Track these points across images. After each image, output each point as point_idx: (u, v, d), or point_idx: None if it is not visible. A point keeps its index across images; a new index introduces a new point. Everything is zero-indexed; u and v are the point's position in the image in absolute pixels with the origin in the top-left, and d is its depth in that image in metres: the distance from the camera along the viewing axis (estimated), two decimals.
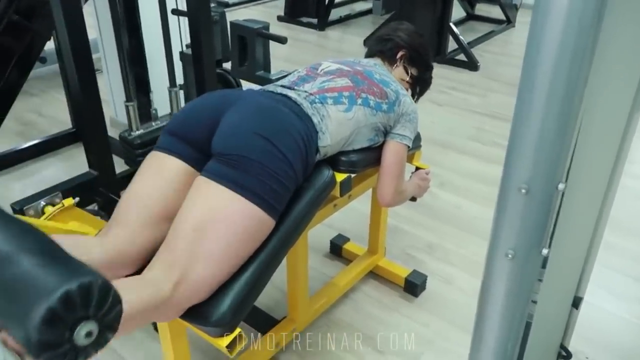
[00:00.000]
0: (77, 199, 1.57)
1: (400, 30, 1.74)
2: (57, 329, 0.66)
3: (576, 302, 1.01)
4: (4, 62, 1.96)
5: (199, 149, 1.28)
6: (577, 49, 0.63)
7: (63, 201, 1.52)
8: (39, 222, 1.41)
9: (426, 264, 2.11)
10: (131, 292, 1.00)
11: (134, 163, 2.04)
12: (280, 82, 1.49)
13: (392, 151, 1.52)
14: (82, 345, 0.69)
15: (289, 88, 1.42)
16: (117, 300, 0.73)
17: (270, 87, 1.46)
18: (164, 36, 2.06)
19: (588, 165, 0.78)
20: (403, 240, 2.25)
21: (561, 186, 0.73)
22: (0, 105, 2.01)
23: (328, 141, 1.35)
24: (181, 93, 2.28)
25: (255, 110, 1.27)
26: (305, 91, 1.40)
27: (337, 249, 2.15)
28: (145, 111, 2.18)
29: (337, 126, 1.37)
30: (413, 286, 1.94)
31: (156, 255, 1.15)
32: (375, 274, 2.04)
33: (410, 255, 2.17)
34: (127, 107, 1.98)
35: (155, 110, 2.26)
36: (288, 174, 1.20)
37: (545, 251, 0.79)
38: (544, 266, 0.81)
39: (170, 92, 2.19)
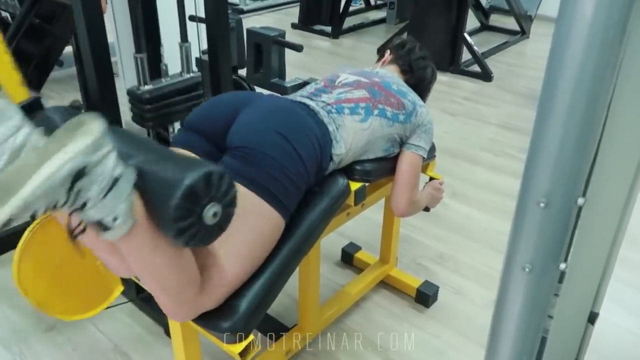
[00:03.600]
0: None
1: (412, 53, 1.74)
2: (196, 203, 0.92)
3: (592, 318, 1.00)
4: (24, 64, 1.99)
5: (215, 143, 1.29)
6: (600, 61, 0.63)
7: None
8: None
9: (437, 275, 2.10)
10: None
11: (142, 119, 1.99)
12: (298, 93, 1.50)
13: (408, 162, 1.52)
14: (209, 225, 0.95)
15: (307, 98, 1.44)
16: (232, 184, 0.99)
17: (288, 97, 1.47)
18: (182, 41, 2.08)
19: (608, 179, 0.77)
20: (415, 250, 2.24)
21: (580, 200, 0.73)
22: None
23: (342, 149, 1.36)
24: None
25: (273, 109, 1.29)
26: (323, 101, 1.42)
27: (348, 258, 2.15)
28: (155, 69, 2.10)
29: (352, 135, 1.38)
30: (424, 297, 1.94)
31: None
32: (386, 284, 2.04)
33: (421, 265, 2.16)
34: (136, 59, 1.92)
35: (166, 65, 2.20)
36: (300, 172, 1.21)
37: (562, 265, 0.78)
38: (560, 281, 0.81)
39: (181, 47, 2.13)
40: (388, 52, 1.80)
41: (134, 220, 0.90)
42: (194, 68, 2.20)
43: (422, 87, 1.73)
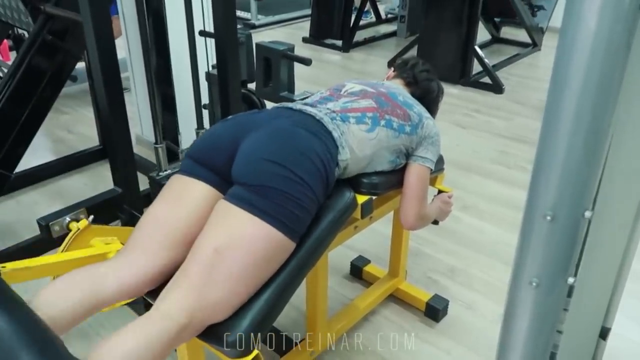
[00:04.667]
0: (92, 217, 1.58)
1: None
2: None
3: (603, 333, 0.98)
4: (36, 80, 2.02)
5: (221, 175, 1.28)
6: (604, 72, 0.62)
7: (78, 224, 1.52)
8: (60, 256, 1.42)
9: (448, 289, 2.07)
10: (147, 333, 1.03)
11: None
12: (302, 101, 1.50)
13: (415, 174, 1.51)
14: None
15: (311, 106, 1.42)
16: None
17: (289, 104, 1.45)
18: (191, 57, 2.09)
19: (616, 192, 0.76)
20: (425, 264, 2.22)
21: (588, 214, 0.71)
22: (32, 122, 2.06)
23: (347, 155, 1.34)
24: (206, 113, 2.30)
25: (270, 137, 1.26)
26: (328, 108, 1.40)
27: (357, 271, 2.13)
28: (171, 128, 2.19)
29: (358, 143, 1.37)
30: (434, 311, 1.91)
31: (172, 281, 1.15)
32: (395, 297, 2.02)
33: (431, 279, 2.14)
34: (156, 148, 2.03)
35: (183, 151, 2.26)
36: (308, 196, 1.20)
37: (571, 280, 0.77)
38: (569, 295, 0.79)
39: (197, 133, 2.20)
40: (392, 69, 1.80)
41: None
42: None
43: (429, 100, 1.72)
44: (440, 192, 1.76)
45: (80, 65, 3.05)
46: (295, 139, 1.26)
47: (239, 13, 6.10)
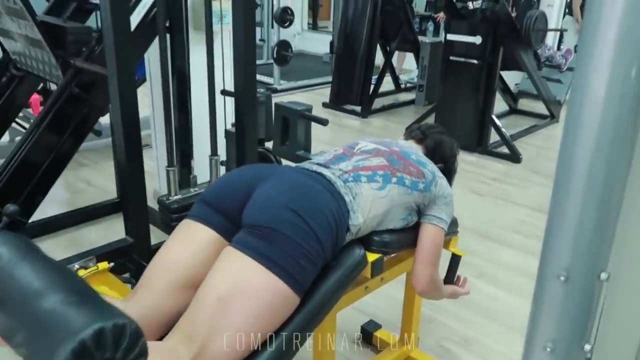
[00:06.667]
0: (112, 264, 1.58)
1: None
2: None
3: None
4: (61, 131, 2.09)
5: (231, 220, 1.28)
6: (616, 134, 0.61)
7: (98, 264, 1.53)
8: None
9: (461, 359, 1.98)
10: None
11: (169, 227, 2.04)
12: (316, 160, 1.50)
13: (429, 237, 1.48)
14: None
15: (324, 166, 1.42)
16: (144, 351, 0.72)
17: (305, 165, 1.47)
18: (210, 114, 2.15)
19: (633, 252, 0.73)
20: (438, 332, 2.14)
21: (604, 275, 0.68)
22: (52, 171, 2.11)
23: (360, 220, 1.33)
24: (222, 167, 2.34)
25: (288, 185, 1.27)
26: (340, 169, 1.41)
27: (368, 336, 2.06)
28: (185, 179, 2.20)
29: (369, 204, 1.36)
30: None
31: (177, 325, 1.13)
32: None
33: (444, 348, 2.05)
34: (167, 171, 2.03)
35: (195, 177, 2.29)
36: (316, 250, 1.18)
37: (587, 347, 0.72)
38: None
39: (210, 160, 2.22)
40: (402, 136, 1.82)
41: None
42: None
43: (443, 150, 1.70)
44: (453, 255, 1.72)
45: (105, 121, 3.15)
46: (312, 191, 1.27)
47: (262, 78, 6.31)
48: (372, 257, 1.38)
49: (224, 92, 2.33)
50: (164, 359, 1.03)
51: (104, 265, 1.53)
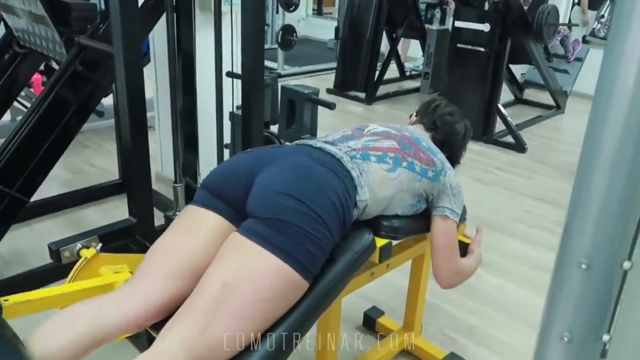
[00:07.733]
0: (100, 245, 1.54)
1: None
2: None
3: None
4: (63, 110, 2.05)
5: (235, 208, 1.25)
6: None
7: (86, 253, 1.48)
8: (63, 288, 1.38)
9: (465, 348, 1.97)
10: None
11: None
12: (323, 138, 1.47)
13: (442, 231, 1.44)
14: None
15: (331, 144, 1.39)
16: None
17: (309, 142, 1.43)
18: (217, 97, 2.11)
19: None
20: (442, 320, 2.13)
21: (627, 264, 0.66)
22: (54, 150, 2.08)
23: (367, 195, 1.30)
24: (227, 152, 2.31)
25: (289, 171, 1.24)
26: (349, 146, 1.37)
27: (370, 322, 2.05)
28: (191, 166, 2.19)
29: (378, 182, 1.32)
30: None
31: (175, 316, 1.10)
32: (409, 353, 1.92)
33: (448, 336, 2.04)
34: (174, 188, 2.04)
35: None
36: (323, 234, 1.16)
37: (606, 337, 0.70)
38: (603, 355, 0.72)
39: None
40: (414, 113, 1.77)
41: None
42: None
43: (453, 142, 1.66)
44: (460, 242, 1.69)
45: (107, 102, 3.11)
46: (314, 174, 1.23)
47: (266, 62, 6.26)
48: (380, 242, 1.36)
49: (230, 74, 2.29)
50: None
51: (90, 252, 1.47)
